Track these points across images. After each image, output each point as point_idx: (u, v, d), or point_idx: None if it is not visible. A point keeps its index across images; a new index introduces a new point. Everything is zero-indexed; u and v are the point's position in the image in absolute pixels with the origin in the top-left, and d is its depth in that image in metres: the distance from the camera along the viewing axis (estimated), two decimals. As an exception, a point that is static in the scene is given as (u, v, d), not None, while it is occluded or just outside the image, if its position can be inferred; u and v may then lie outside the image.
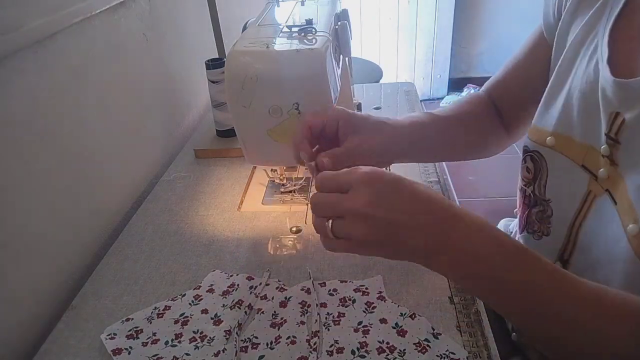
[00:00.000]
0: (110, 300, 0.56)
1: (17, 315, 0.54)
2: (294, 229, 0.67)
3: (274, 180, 0.76)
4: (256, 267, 0.59)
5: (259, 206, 0.72)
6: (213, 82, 0.85)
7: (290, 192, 0.74)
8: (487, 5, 2.81)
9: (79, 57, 0.65)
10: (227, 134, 0.89)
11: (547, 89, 0.56)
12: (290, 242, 0.65)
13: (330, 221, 0.42)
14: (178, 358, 0.48)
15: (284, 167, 0.73)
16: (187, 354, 0.49)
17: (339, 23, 0.68)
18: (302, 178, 0.77)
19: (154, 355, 0.49)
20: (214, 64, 0.84)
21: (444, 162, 2.31)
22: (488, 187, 2.14)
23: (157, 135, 0.89)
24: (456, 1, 2.71)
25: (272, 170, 0.75)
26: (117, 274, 0.60)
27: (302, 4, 0.75)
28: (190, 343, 0.50)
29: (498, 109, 0.69)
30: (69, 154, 0.63)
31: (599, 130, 0.47)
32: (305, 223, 0.67)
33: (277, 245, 0.64)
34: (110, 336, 0.51)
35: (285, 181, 0.74)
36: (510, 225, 0.80)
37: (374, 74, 1.99)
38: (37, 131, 0.57)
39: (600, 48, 0.48)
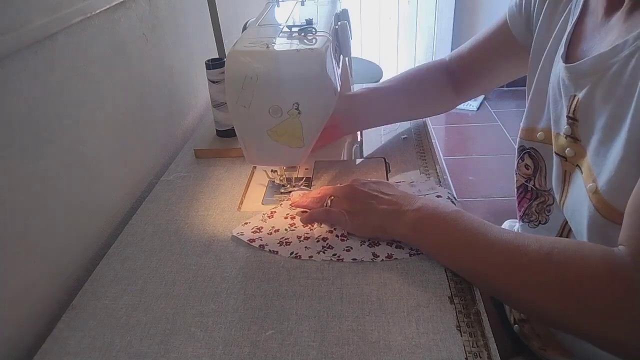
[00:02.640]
0: (110, 300, 0.56)
1: (17, 315, 0.54)
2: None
3: (274, 181, 0.76)
4: (256, 268, 0.59)
5: (259, 206, 0.72)
6: (213, 82, 0.85)
7: (290, 192, 0.74)
8: (487, 5, 2.81)
9: (79, 57, 0.65)
10: (227, 134, 0.89)
11: (531, 93, 0.64)
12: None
13: (329, 199, 0.63)
14: (300, 236, 0.63)
15: (284, 168, 0.73)
16: (306, 234, 0.63)
17: (339, 23, 0.68)
18: (302, 178, 0.77)
19: (282, 238, 0.63)
20: (214, 64, 0.84)
21: (444, 164, 2.32)
22: (488, 187, 2.14)
23: (157, 135, 0.89)
24: (456, 1, 2.72)
25: (272, 171, 0.75)
26: (117, 274, 0.60)
27: (302, 4, 0.75)
28: (305, 227, 0.65)
29: (454, 75, 0.83)
30: (69, 153, 0.63)
31: (563, 117, 0.56)
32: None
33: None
34: (239, 233, 0.64)
35: (285, 182, 0.74)
36: (515, 227, 0.80)
37: (374, 74, 1.99)
38: (37, 131, 0.57)
39: (562, 48, 0.58)
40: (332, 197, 0.63)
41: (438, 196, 0.68)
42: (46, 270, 0.59)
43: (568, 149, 0.56)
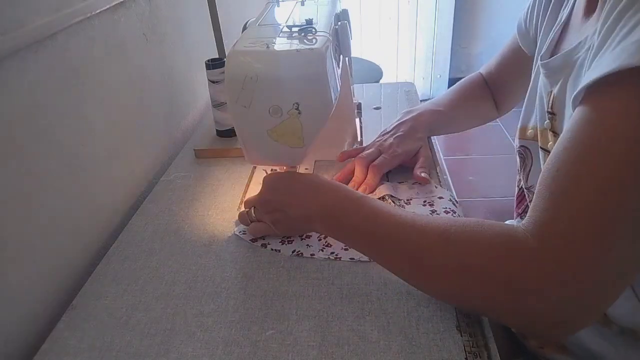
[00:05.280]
0: (110, 300, 0.56)
1: (17, 315, 0.54)
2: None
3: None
4: (256, 268, 0.59)
5: (259, 206, 0.72)
6: (213, 82, 0.85)
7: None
8: (486, 5, 2.81)
9: (79, 57, 0.65)
10: (227, 134, 0.89)
11: (527, 94, 0.67)
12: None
13: (252, 209, 0.63)
14: (302, 235, 0.64)
15: (284, 168, 0.73)
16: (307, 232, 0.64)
17: (339, 23, 0.68)
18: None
19: (283, 237, 0.64)
20: (214, 64, 0.84)
21: (444, 163, 2.32)
22: (488, 187, 2.14)
23: (157, 135, 0.89)
24: (456, 1, 2.71)
25: None
26: (117, 274, 0.60)
27: (302, 4, 0.75)
28: None
29: (490, 89, 0.88)
30: (69, 153, 0.63)
31: (546, 113, 0.58)
32: None
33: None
34: (241, 232, 0.65)
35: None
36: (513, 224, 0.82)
37: (374, 74, 1.99)
38: (37, 131, 0.57)
39: (544, 47, 0.60)
40: (254, 208, 0.63)
41: (440, 197, 0.68)
42: (46, 270, 0.59)
43: (550, 142, 0.58)
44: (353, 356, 0.47)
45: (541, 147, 0.61)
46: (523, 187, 0.68)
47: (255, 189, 0.76)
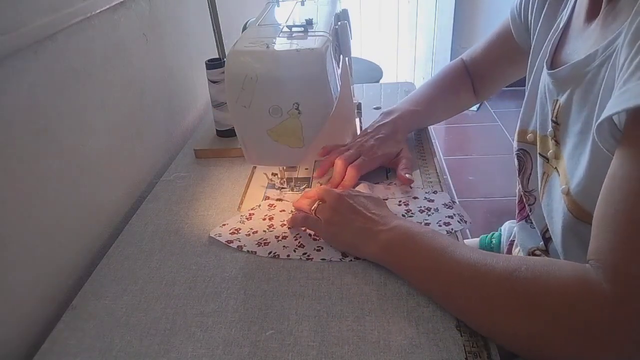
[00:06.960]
0: (110, 300, 0.56)
1: (17, 315, 0.54)
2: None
3: (273, 184, 0.76)
4: (256, 268, 0.59)
5: (259, 206, 0.72)
6: (213, 82, 0.85)
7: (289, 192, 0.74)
8: (486, 5, 2.81)
9: (79, 57, 0.65)
10: (227, 134, 0.89)
11: (525, 97, 0.66)
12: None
13: (316, 204, 0.62)
14: (278, 236, 0.63)
15: (284, 170, 0.73)
16: (284, 233, 0.64)
17: (339, 23, 0.68)
18: (302, 178, 0.77)
19: (260, 239, 0.63)
20: (214, 64, 0.84)
21: (444, 163, 2.32)
22: (488, 187, 2.14)
23: (157, 135, 0.89)
24: (456, 1, 2.72)
25: (272, 174, 0.75)
26: (117, 274, 0.60)
27: (302, 4, 0.75)
28: (282, 227, 0.65)
29: (472, 77, 0.88)
30: (69, 154, 0.63)
31: (549, 120, 0.58)
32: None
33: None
34: (217, 235, 0.64)
35: (285, 184, 0.74)
36: (514, 227, 0.81)
37: (374, 74, 1.99)
38: (37, 131, 0.57)
39: (547, 54, 0.60)
40: (319, 202, 0.62)
41: (414, 197, 0.69)
42: (46, 270, 0.59)
43: (550, 151, 0.58)
44: (353, 356, 0.47)
45: (540, 154, 0.60)
46: (522, 190, 0.68)
47: (255, 189, 0.76)
